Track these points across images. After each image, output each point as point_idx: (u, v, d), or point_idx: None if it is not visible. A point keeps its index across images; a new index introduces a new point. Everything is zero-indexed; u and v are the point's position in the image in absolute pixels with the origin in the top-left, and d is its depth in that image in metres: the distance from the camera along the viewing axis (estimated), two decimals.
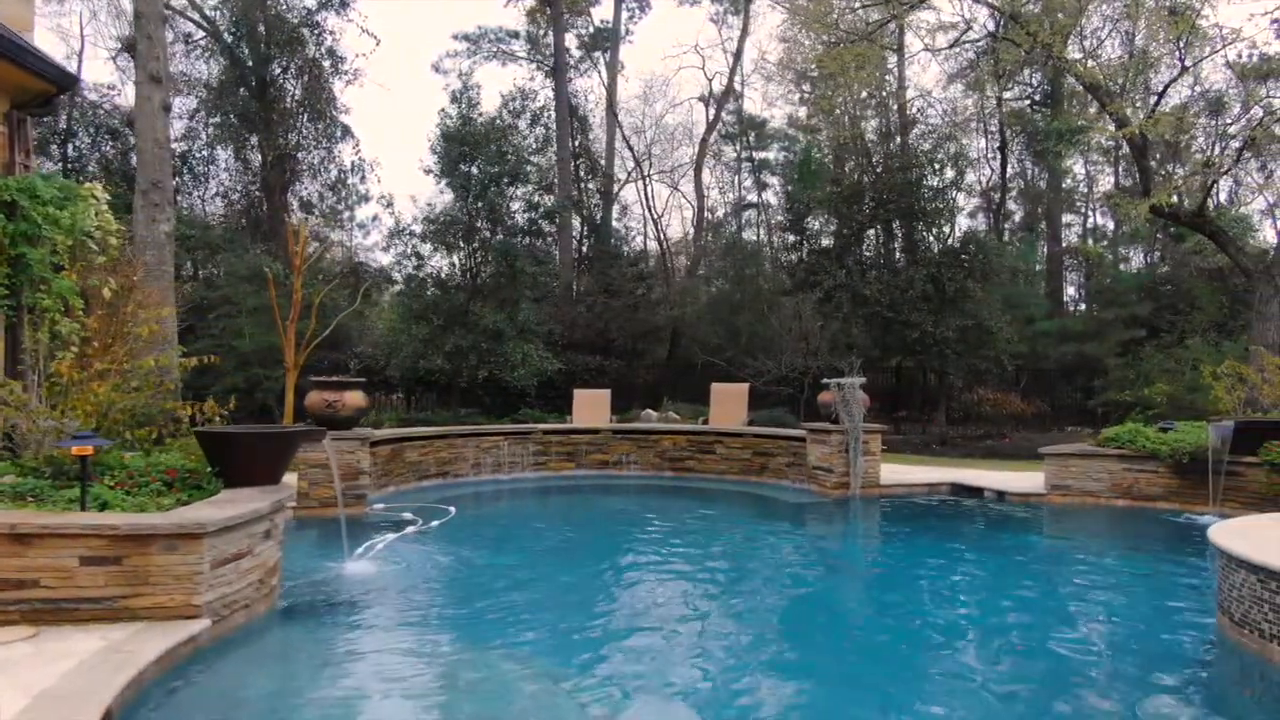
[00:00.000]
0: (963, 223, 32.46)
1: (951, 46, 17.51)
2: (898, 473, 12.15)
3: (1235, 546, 5.04)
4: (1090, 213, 34.55)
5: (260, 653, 4.99)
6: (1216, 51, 15.91)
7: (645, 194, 30.91)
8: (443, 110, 17.72)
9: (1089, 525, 9.25)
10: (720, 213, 33.65)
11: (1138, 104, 18.24)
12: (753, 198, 32.50)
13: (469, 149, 17.59)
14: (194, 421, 13.79)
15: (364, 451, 9.25)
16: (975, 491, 10.78)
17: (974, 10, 22.77)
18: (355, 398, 9.30)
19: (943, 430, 19.05)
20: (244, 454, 6.11)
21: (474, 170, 17.63)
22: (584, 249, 27.80)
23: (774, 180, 30.92)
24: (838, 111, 22.95)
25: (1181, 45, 15.69)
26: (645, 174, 31.84)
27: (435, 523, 8.73)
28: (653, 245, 32.84)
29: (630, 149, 30.35)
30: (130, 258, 11.18)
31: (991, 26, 22.03)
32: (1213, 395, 10.84)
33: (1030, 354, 23.52)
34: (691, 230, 32.17)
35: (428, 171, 17.94)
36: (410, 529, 8.38)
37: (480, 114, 18.32)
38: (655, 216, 30.55)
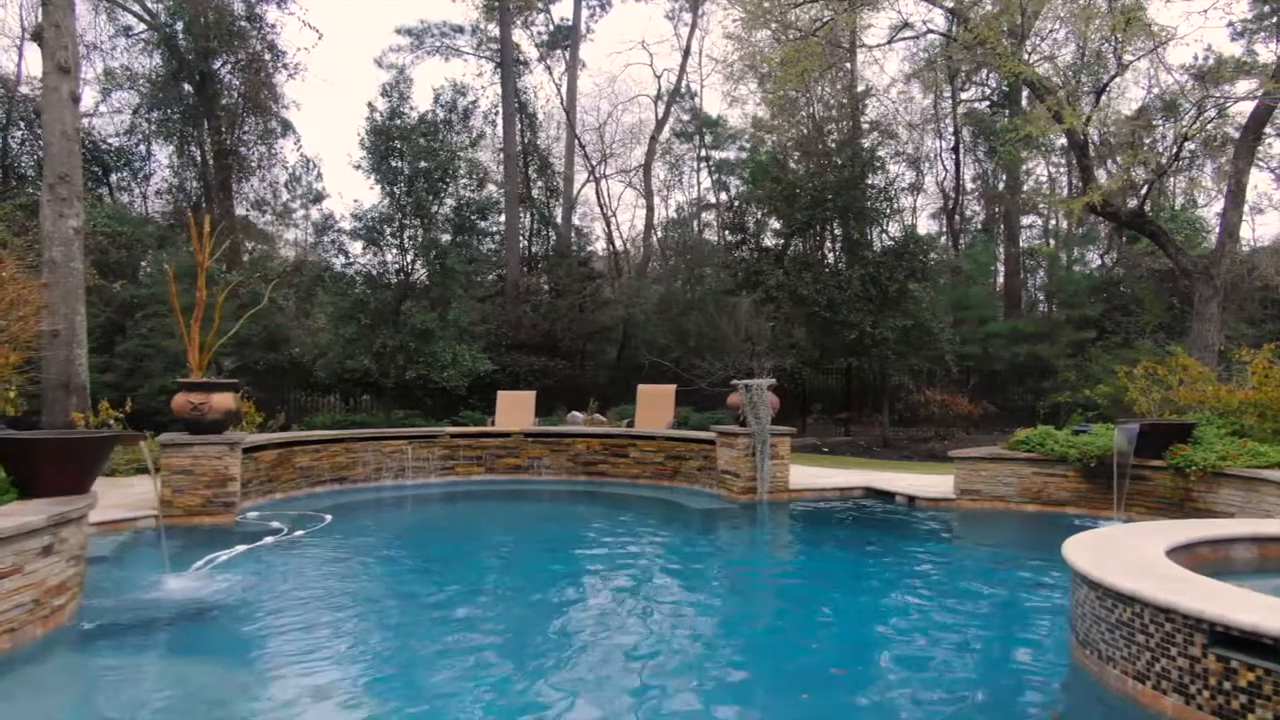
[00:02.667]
0: (924, 224, 32.35)
1: (889, 43, 17.27)
2: (817, 476, 11.80)
3: (1079, 560, 4.69)
4: (1053, 214, 34.52)
5: (19, 684, 4.51)
6: (1151, 51, 15.74)
7: (598, 193, 30.47)
8: (370, 103, 17.23)
9: (989, 533, 8.93)
10: (685, 213, 33.34)
11: (1084, 104, 18.06)
12: (712, 198, 32.20)
13: (398, 143, 17.11)
14: (88, 425, 13.12)
15: (233, 457, 8.76)
16: (888, 496, 10.45)
17: (930, 11, 22.61)
18: (224, 400, 8.81)
19: (885, 432, 18.76)
20: (39, 462, 5.62)
21: (403, 166, 17.14)
22: (533, 248, 27.33)
23: (733, 180, 30.62)
24: (801, 113, 22.66)
25: (1118, 41, 15.51)
26: (600, 173, 31.44)
27: (301, 532, 8.26)
28: (615, 247, 32.45)
29: (582, 147, 29.92)
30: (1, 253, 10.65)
31: (943, 25, 21.88)
32: (1128, 397, 10.57)
33: (982, 355, 23.33)
34: (643, 230, 31.77)
35: (357, 167, 17.43)
36: (269, 539, 7.90)
37: (413, 108, 17.86)
38: (607, 215, 30.14)
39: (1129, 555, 4.79)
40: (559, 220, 29.20)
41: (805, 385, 22.27)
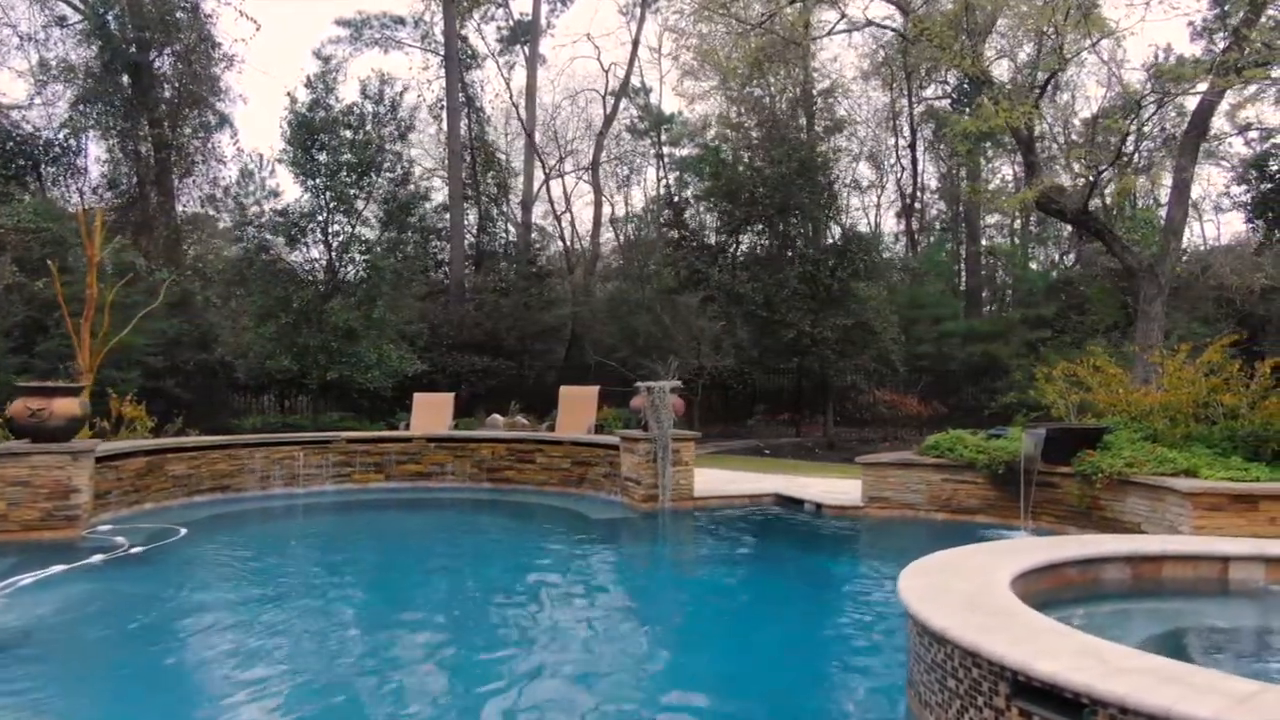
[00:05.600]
0: (889, 222, 31.93)
1: (827, 34, 16.80)
2: (731, 481, 11.28)
3: (905, 587, 4.18)
4: (1016, 213, 34.23)
5: None
6: (1092, 46, 15.37)
7: (548, 189, 29.88)
8: (291, 94, 16.56)
9: (888, 544, 8.42)
10: (643, 210, 32.78)
11: (1036, 100, 17.66)
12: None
13: (321, 135, 16.47)
14: None
15: (77, 466, 8.11)
16: (798, 503, 9.94)
17: (887, 8, 22.14)
18: (67, 405, 8.17)
19: (829, 433, 18.29)
20: None
21: (327, 158, 16.51)
22: (482, 245, 26.69)
23: (688, 177, 30.07)
24: (765, 111, 22.11)
25: (1058, 35, 15.11)
26: (558, 171, 30.84)
27: (141, 549, 7.62)
28: (568, 244, 31.86)
29: (534, 146, 29.30)
30: None
31: (899, 21, 21.43)
32: (1046, 400, 10.12)
33: (936, 355, 22.92)
34: (603, 228, 31.19)
35: (279, 160, 16.79)
36: (98, 557, 7.26)
37: (339, 100, 17.23)
38: (558, 213, 29.55)
39: (966, 582, 4.27)
40: (516, 217, 28.57)
41: (755, 385, 21.80)
